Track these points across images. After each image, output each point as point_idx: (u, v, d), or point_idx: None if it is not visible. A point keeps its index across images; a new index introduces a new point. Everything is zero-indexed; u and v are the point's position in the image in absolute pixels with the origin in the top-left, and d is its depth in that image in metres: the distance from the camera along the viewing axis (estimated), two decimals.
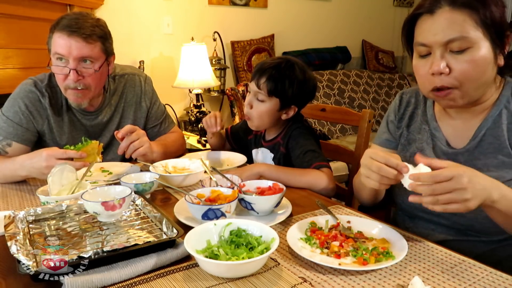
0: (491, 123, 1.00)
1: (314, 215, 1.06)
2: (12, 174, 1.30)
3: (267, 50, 3.58)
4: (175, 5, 3.15)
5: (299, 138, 1.42)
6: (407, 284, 0.75)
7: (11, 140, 1.39)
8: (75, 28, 1.33)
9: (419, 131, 1.13)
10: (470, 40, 0.89)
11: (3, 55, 2.08)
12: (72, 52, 1.33)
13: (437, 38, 0.91)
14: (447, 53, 0.92)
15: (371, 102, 3.87)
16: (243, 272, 0.78)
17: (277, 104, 1.41)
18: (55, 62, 1.36)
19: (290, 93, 1.38)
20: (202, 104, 3.04)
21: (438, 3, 0.92)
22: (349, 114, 1.72)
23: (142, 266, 0.79)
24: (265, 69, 1.39)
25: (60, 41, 1.33)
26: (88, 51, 1.35)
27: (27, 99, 1.41)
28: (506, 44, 0.94)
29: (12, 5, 2.08)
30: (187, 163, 1.44)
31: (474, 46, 0.89)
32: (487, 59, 0.91)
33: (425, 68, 0.95)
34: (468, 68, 0.90)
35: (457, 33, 0.89)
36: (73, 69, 1.34)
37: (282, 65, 1.39)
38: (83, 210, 1.01)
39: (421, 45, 0.95)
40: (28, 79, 1.46)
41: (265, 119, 1.43)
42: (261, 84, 1.39)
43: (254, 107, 1.43)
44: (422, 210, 1.08)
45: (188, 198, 0.99)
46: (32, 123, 1.42)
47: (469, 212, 0.97)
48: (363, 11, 4.22)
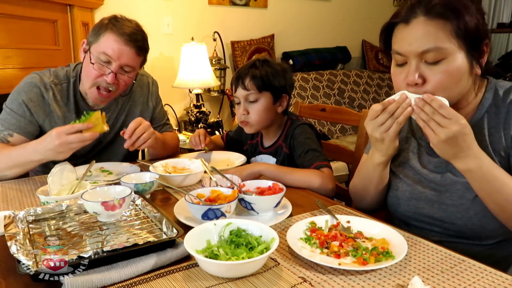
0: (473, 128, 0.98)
1: (314, 215, 1.06)
2: (26, 160, 1.31)
3: (267, 50, 3.58)
4: (175, 5, 3.15)
5: (300, 136, 1.43)
6: (407, 284, 0.75)
7: (13, 132, 1.39)
8: (133, 38, 1.40)
9: (406, 140, 1.13)
10: (445, 51, 0.89)
11: (3, 55, 2.08)
12: (121, 59, 1.38)
13: (412, 48, 0.91)
14: (422, 64, 0.92)
15: (371, 102, 3.87)
16: (243, 272, 0.78)
17: (270, 98, 1.44)
18: (95, 59, 1.38)
19: (277, 82, 1.43)
20: (202, 104, 3.05)
21: (413, 13, 0.91)
22: (349, 114, 1.72)
23: (142, 266, 0.79)
24: (245, 72, 1.44)
25: (115, 44, 1.37)
26: (134, 62, 1.43)
27: (31, 93, 1.42)
28: (485, 53, 0.94)
29: (12, 5, 2.08)
30: (187, 163, 1.44)
31: (449, 57, 0.89)
32: (461, 69, 0.91)
33: (401, 76, 0.96)
34: (443, 79, 0.90)
35: (431, 44, 0.89)
36: (114, 72, 1.38)
37: (257, 63, 1.45)
38: (83, 210, 1.01)
39: (397, 54, 0.95)
40: (33, 73, 1.46)
41: (264, 117, 1.45)
42: (248, 84, 1.42)
43: (250, 111, 1.44)
44: (415, 219, 1.11)
45: (188, 198, 0.99)
46: (35, 117, 1.43)
47: (459, 219, 1.00)
48: (363, 11, 4.22)
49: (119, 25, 1.40)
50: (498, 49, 4.65)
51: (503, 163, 0.97)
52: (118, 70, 1.40)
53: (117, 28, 1.39)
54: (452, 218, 1.02)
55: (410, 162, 1.11)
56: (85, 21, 2.64)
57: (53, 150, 1.24)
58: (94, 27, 1.44)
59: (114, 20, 1.42)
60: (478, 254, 0.88)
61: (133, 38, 1.39)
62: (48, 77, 1.46)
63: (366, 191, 1.17)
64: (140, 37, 1.43)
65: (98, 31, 1.40)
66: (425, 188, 1.07)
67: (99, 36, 1.39)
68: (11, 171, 1.34)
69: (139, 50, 1.42)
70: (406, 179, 1.11)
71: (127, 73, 1.43)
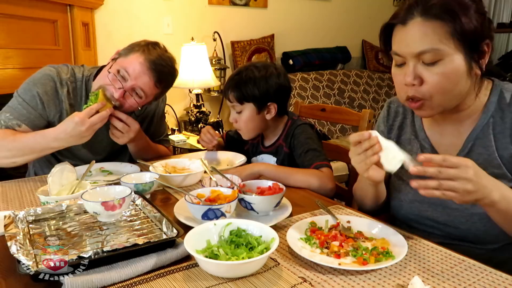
0: (479, 133, 0.98)
1: (314, 215, 1.06)
2: (44, 147, 1.32)
3: (267, 50, 3.58)
4: (175, 5, 3.15)
5: (300, 136, 1.42)
6: (407, 284, 0.75)
7: (21, 122, 1.37)
8: (158, 69, 1.39)
9: (409, 142, 1.11)
10: (442, 53, 0.88)
11: (3, 55, 2.08)
12: (138, 80, 1.38)
13: (409, 49, 0.91)
14: (420, 64, 0.91)
15: (371, 102, 3.87)
16: (243, 272, 0.78)
17: (253, 108, 1.43)
18: (115, 71, 1.38)
19: (257, 92, 1.40)
20: (202, 104, 3.04)
21: (411, 14, 0.91)
22: (349, 114, 1.73)
23: (142, 266, 0.79)
24: (228, 82, 1.45)
25: (138, 65, 1.37)
26: (149, 90, 1.42)
27: (47, 86, 1.40)
28: (486, 53, 0.92)
29: (12, 5, 2.08)
30: (187, 163, 1.44)
31: (446, 58, 0.88)
32: (459, 71, 0.90)
33: (400, 77, 0.95)
34: (440, 81, 0.89)
35: (428, 45, 0.88)
36: (124, 89, 1.38)
37: (240, 72, 1.44)
38: (83, 210, 1.01)
39: (396, 55, 0.95)
40: (50, 67, 1.45)
41: (250, 126, 1.46)
42: (230, 97, 1.44)
43: (238, 120, 1.47)
44: (417, 221, 1.09)
45: (188, 198, 0.99)
46: (45, 111, 1.41)
47: (462, 224, 0.99)
48: (363, 11, 4.22)
49: (153, 52, 1.40)
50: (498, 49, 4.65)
51: (509, 169, 0.95)
52: (130, 90, 1.39)
53: (149, 53, 1.39)
54: (456, 222, 1.01)
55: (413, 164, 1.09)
56: (85, 21, 2.64)
57: (79, 135, 1.28)
58: (132, 44, 1.45)
59: (153, 45, 1.43)
60: (479, 257, 0.87)
61: (158, 68, 1.39)
62: (66, 73, 1.45)
63: (364, 200, 1.17)
64: (166, 70, 1.43)
65: (133, 48, 1.42)
66: None
67: (130, 53, 1.41)
68: (23, 157, 1.34)
69: (159, 81, 1.41)
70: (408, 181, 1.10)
71: (137, 97, 1.41)
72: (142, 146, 1.57)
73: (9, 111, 1.38)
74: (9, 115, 1.37)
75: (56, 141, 1.30)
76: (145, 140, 1.58)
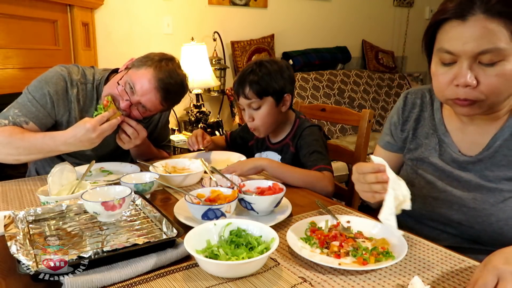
0: (507, 135, 0.94)
1: (314, 215, 1.06)
2: (52, 149, 1.33)
3: (267, 50, 3.58)
4: (175, 5, 3.15)
5: (308, 137, 1.45)
6: (407, 284, 0.75)
7: (29, 120, 1.37)
8: (166, 88, 1.39)
9: (427, 136, 1.07)
10: (504, 53, 0.81)
11: (3, 55, 2.08)
12: (144, 97, 1.39)
13: (467, 47, 0.83)
14: (476, 64, 0.84)
15: (371, 102, 3.87)
16: (243, 272, 0.78)
17: (272, 102, 1.45)
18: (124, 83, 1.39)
19: (276, 85, 1.43)
20: (202, 104, 3.05)
21: (470, 8, 0.83)
22: (349, 114, 1.73)
23: (142, 266, 0.79)
24: (243, 80, 1.45)
25: (146, 83, 1.38)
26: (153, 107, 1.43)
27: (58, 86, 1.40)
28: None
29: (12, 5, 2.08)
30: (187, 163, 1.44)
31: (506, 59, 0.82)
32: None
33: (447, 76, 0.88)
34: (497, 83, 0.84)
35: (491, 45, 0.81)
36: (131, 102, 1.39)
37: (253, 68, 1.45)
38: (83, 210, 1.01)
39: (447, 53, 0.87)
40: (61, 66, 1.45)
41: (269, 121, 1.47)
42: (249, 93, 1.43)
43: (255, 117, 1.46)
44: (429, 218, 1.05)
45: (188, 198, 0.99)
46: (54, 110, 1.42)
47: (479, 224, 0.95)
48: (363, 11, 4.22)
49: (164, 68, 1.40)
50: None
51: None
52: (136, 103, 1.40)
53: (160, 70, 1.39)
54: (472, 221, 0.97)
55: (430, 159, 1.05)
56: (85, 21, 2.64)
57: (89, 141, 1.30)
58: (147, 55, 1.45)
59: (166, 61, 1.42)
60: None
61: (166, 86, 1.39)
62: (76, 74, 1.46)
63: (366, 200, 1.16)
64: (174, 90, 1.42)
65: (146, 61, 1.41)
66: (446, 186, 1.01)
67: (142, 66, 1.40)
68: (29, 156, 1.35)
69: (165, 100, 1.42)
70: (425, 175, 1.05)
71: (142, 109, 1.42)
72: (144, 151, 1.58)
73: (18, 107, 1.38)
74: (17, 111, 1.37)
75: (65, 145, 1.31)
76: (147, 145, 1.58)
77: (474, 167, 0.98)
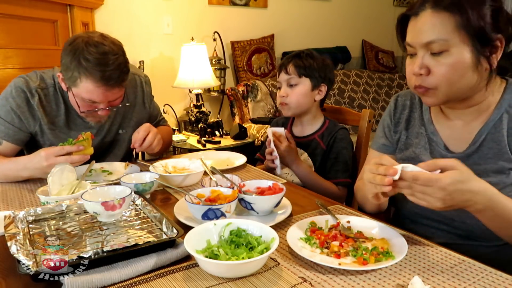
0: (491, 128, 0.98)
1: (314, 215, 1.06)
2: (15, 174, 1.31)
3: (267, 50, 3.58)
4: (175, 5, 3.15)
5: (342, 142, 1.54)
6: (407, 284, 0.75)
7: (1, 139, 1.37)
8: (114, 79, 1.29)
9: (417, 136, 1.11)
10: (448, 43, 0.90)
11: (3, 55, 2.08)
12: (108, 99, 1.34)
13: (418, 39, 0.94)
14: (428, 55, 0.94)
15: (371, 102, 3.87)
16: (243, 272, 0.78)
17: (309, 84, 1.53)
18: (81, 102, 1.34)
19: (316, 73, 1.53)
20: (202, 104, 3.04)
21: (422, 5, 0.95)
22: (349, 114, 1.73)
23: (142, 266, 0.79)
24: (289, 57, 1.56)
25: (97, 90, 1.28)
26: (120, 93, 1.39)
27: (19, 99, 1.37)
28: (498, 48, 0.92)
29: (12, 5, 2.08)
30: (187, 163, 1.43)
31: (452, 49, 0.91)
32: (465, 63, 0.91)
33: (411, 67, 0.98)
34: (445, 71, 0.92)
35: (436, 35, 0.91)
36: (105, 109, 1.36)
37: (302, 52, 1.56)
38: (83, 210, 1.01)
39: (408, 45, 0.98)
40: (19, 78, 1.40)
41: (301, 101, 1.54)
42: (290, 68, 1.53)
43: (290, 94, 1.54)
44: (422, 215, 1.08)
45: (188, 198, 0.99)
46: (24, 124, 1.39)
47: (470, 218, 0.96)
48: (363, 11, 4.22)
49: (92, 67, 1.25)
50: None
51: None
52: (108, 104, 1.36)
53: (93, 72, 1.25)
54: (463, 217, 0.99)
55: (420, 157, 1.07)
56: (85, 21, 2.64)
57: (41, 170, 1.23)
58: (65, 60, 1.29)
59: (84, 58, 1.25)
60: (485, 256, 0.87)
61: (114, 78, 1.28)
62: (34, 82, 1.39)
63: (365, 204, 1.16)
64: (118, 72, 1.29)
65: (73, 73, 1.27)
66: None
67: (75, 81, 1.28)
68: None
69: (122, 82, 1.34)
70: None
71: (118, 100, 1.39)
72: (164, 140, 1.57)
73: None
74: None
75: (24, 170, 1.28)
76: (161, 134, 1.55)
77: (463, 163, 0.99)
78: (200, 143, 2.65)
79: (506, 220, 0.86)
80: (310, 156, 1.56)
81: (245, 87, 3.25)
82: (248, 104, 3.24)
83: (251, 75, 3.50)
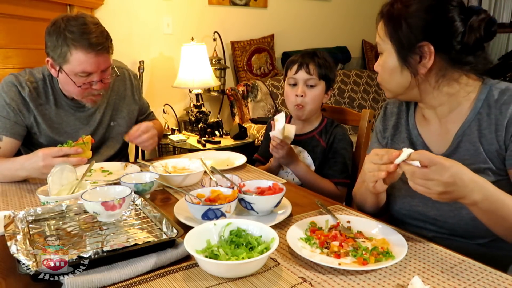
0: (467, 129, 1.01)
1: (314, 215, 1.07)
2: (12, 174, 1.31)
3: (267, 50, 3.58)
4: (175, 5, 3.15)
5: (342, 142, 1.54)
6: (407, 284, 0.75)
7: (1, 135, 1.38)
8: (102, 45, 1.34)
9: (403, 141, 1.15)
10: (381, 47, 1.06)
11: (3, 55, 2.07)
12: (100, 66, 1.37)
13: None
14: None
15: (371, 102, 3.87)
16: (243, 272, 0.78)
17: (324, 87, 1.54)
18: (75, 78, 1.36)
19: (331, 75, 1.55)
20: (202, 104, 3.04)
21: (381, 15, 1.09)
22: (349, 114, 1.73)
23: (142, 266, 0.79)
24: (310, 56, 1.53)
25: (89, 60, 1.33)
26: (109, 61, 1.41)
27: (11, 92, 1.41)
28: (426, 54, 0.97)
29: (12, 5, 2.08)
30: (187, 163, 1.43)
31: (384, 52, 1.05)
32: (391, 65, 1.03)
33: None
34: (380, 70, 1.08)
35: (375, 40, 1.09)
36: (99, 80, 1.39)
37: (318, 53, 1.56)
38: (83, 210, 1.01)
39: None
40: (9, 74, 1.46)
41: (317, 102, 1.55)
42: (312, 70, 1.51)
43: (308, 94, 1.52)
44: (410, 216, 1.12)
45: (188, 198, 0.99)
46: (20, 117, 1.42)
47: (451, 218, 1.02)
48: (363, 11, 4.22)
49: (78, 37, 1.30)
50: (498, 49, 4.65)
51: (496, 165, 0.97)
52: (101, 75, 1.39)
53: (80, 41, 1.30)
54: (445, 216, 1.03)
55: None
56: None
57: (38, 170, 1.24)
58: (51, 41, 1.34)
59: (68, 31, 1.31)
60: (474, 252, 0.88)
61: (100, 44, 1.33)
62: (23, 76, 1.45)
63: (365, 205, 1.18)
64: (103, 38, 1.36)
65: (61, 50, 1.32)
66: None
67: (65, 56, 1.33)
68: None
69: (109, 49, 1.39)
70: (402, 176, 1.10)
71: (109, 72, 1.43)
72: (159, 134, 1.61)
73: None
74: None
75: (21, 170, 1.29)
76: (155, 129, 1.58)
77: None
78: (200, 143, 2.65)
79: (500, 214, 0.87)
80: (310, 154, 1.56)
81: (245, 87, 3.25)
82: (248, 104, 3.24)
83: (251, 75, 3.50)
